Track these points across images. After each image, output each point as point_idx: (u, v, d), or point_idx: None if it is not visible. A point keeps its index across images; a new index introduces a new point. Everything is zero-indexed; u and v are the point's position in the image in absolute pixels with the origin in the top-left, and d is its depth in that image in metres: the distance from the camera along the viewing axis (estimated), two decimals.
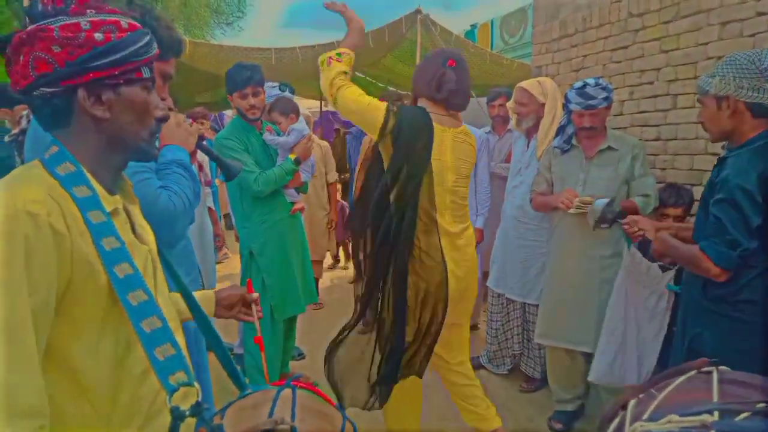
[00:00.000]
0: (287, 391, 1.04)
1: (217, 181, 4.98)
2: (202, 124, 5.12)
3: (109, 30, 0.93)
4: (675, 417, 0.86)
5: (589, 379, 2.55)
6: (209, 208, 3.74)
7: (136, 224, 1.08)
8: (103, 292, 0.91)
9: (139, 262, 0.99)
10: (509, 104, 3.44)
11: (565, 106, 2.81)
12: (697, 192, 2.78)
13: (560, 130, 2.87)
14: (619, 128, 3.47)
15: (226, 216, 6.27)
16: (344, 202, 5.66)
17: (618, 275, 2.46)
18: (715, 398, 0.91)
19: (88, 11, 0.94)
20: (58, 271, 0.85)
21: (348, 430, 1.02)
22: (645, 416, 0.93)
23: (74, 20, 0.91)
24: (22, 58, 0.91)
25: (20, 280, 0.81)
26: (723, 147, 1.99)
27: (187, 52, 6.28)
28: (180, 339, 1.07)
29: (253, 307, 1.46)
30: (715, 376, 1.00)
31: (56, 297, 0.86)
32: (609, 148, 2.70)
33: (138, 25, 0.99)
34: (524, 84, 3.20)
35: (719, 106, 1.80)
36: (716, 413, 0.85)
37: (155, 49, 1.02)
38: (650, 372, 2.37)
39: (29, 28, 0.91)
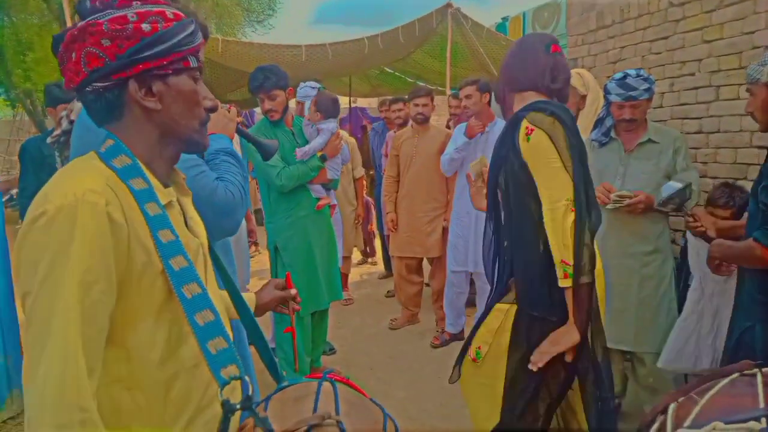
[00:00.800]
0: (327, 385, 1.04)
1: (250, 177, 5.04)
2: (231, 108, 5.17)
3: (155, 20, 0.93)
4: (720, 424, 0.83)
5: (659, 365, 2.46)
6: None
7: (189, 217, 1.09)
8: (159, 283, 0.91)
9: (192, 255, 0.99)
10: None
11: (604, 98, 2.73)
12: (746, 187, 2.68)
13: (598, 122, 2.79)
14: (659, 121, 3.36)
15: (257, 211, 6.34)
16: (369, 199, 5.67)
17: (690, 267, 2.41)
18: (761, 404, 0.87)
19: (134, 2, 0.94)
20: (115, 260, 0.86)
21: (390, 426, 1.01)
22: (687, 423, 0.90)
23: (121, 12, 0.92)
24: (74, 55, 0.92)
25: (83, 269, 0.81)
26: None
27: (219, 50, 6.36)
28: (230, 333, 1.07)
29: (290, 301, 1.46)
30: (759, 378, 0.96)
31: (115, 286, 0.86)
32: (650, 140, 2.61)
33: (183, 14, 0.99)
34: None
35: None
36: (764, 420, 0.81)
37: (201, 38, 1.01)
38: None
39: (79, 24, 0.91)
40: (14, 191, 4.59)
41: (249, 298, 1.39)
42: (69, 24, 5.23)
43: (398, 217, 4.06)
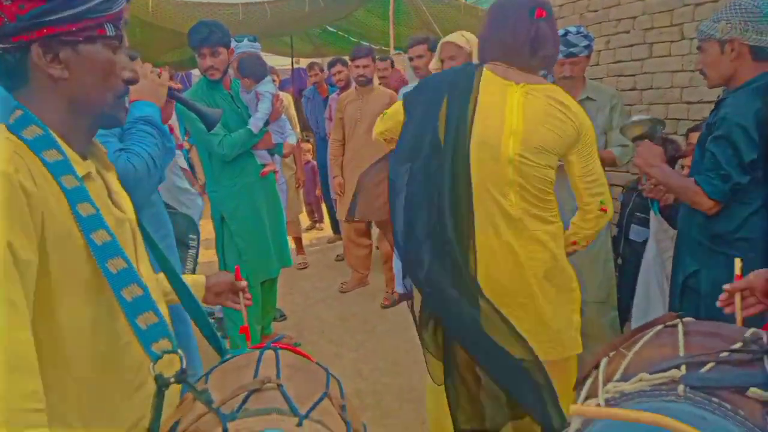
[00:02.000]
0: (270, 352, 1.03)
1: (186, 143, 4.84)
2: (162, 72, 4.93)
3: None
4: (645, 375, 0.87)
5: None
6: (184, 169, 3.63)
7: (113, 191, 1.03)
8: (83, 258, 0.88)
9: (117, 229, 0.95)
10: (432, 64, 3.28)
11: None
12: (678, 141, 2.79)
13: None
14: (596, 78, 3.44)
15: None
16: (314, 162, 5.60)
17: (647, 246, 2.47)
18: (682, 352, 0.92)
19: None
20: (35, 228, 0.81)
21: (333, 384, 1.02)
22: (617, 376, 0.94)
23: None
24: None
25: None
26: (719, 96, 1.98)
27: (149, 9, 6.00)
28: (163, 308, 1.04)
29: (241, 295, 1.42)
30: (680, 328, 1.01)
31: (37, 253, 0.82)
32: (588, 98, 2.67)
33: None
34: (449, 38, 3.08)
35: (722, 50, 1.83)
36: (683, 367, 0.86)
37: (121, 4, 0.94)
38: None
39: None
40: None
41: (198, 281, 1.34)
42: None
43: (345, 181, 4.03)
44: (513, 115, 1.67)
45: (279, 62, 10.03)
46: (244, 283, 1.40)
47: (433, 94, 1.74)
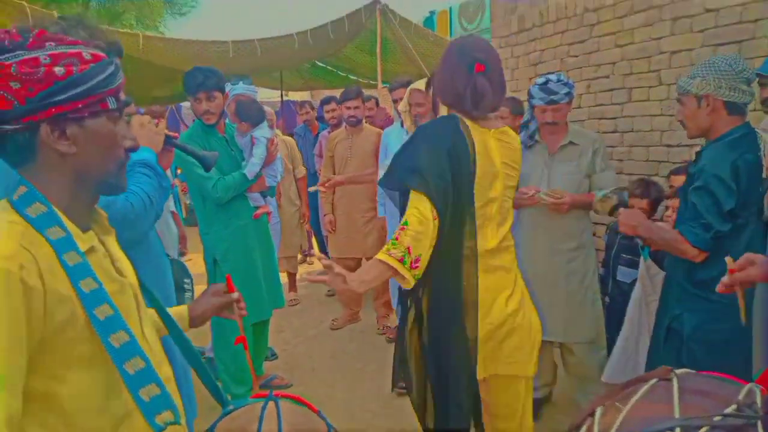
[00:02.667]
0: (272, 406, 1.06)
1: (176, 181, 4.89)
2: (158, 123, 4.99)
3: (70, 63, 0.90)
4: None
5: (603, 379, 2.64)
6: (172, 212, 3.68)
7: (115, 259, 1.06)
8: (86, 335, 0.90)
9: (120, 297, 0.98)
10: (401, 107, 3.31)
11: (528, 102, 2.86)
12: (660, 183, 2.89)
13: (523, 126, 2.92)
14: (578, 121, 3.56)
15: (192, 212, 6.18)
16: None
17: (635, 288, 2.55)
18: (676, 412, 0.96)
19: (48, 44, 0.90)
20: (30, 327, 0.84)
21: None
22: None
23: (33, 54, 0.88)
24: None
25: None
26: (702, 146, 2.09)
27: (140, 47, 6.09)
28: (166, 370, 1.07)
29: (235, 305, 1.42)
30: (675, 384, 1.05)
31: (28, 353, 0.85)
32: (571, 143, 2.76)
33: (102, 54, 0.96)
34: (417, 85, 3.16)
35: (699, 104, 1.94)
36: (677, 430, 0.89)
37: (121, 78, 0.99)
38: None
39: None
40: None
41: (179, 312, 1.36)
42: None
43: (336, 219, 4.09)
44: (496, 159, 1.82)
45: (268, 95, 10.16)
46: (236, 294, 1.41)
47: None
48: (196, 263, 5.83)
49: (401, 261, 1.64)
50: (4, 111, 0.87)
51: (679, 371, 1.09)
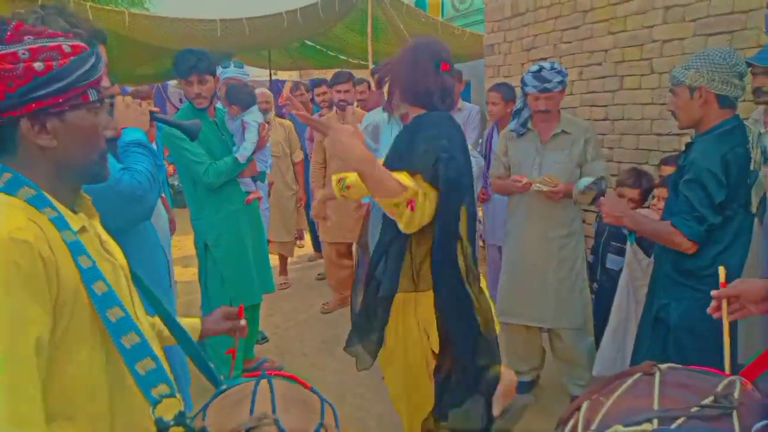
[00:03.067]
0: (264, 383, 1.06)
1: (164, 162, 4.84)
2: (148, 104, 4.92)
3: (49, 57, 0.89)
4: (620, 428, 0.93)
5: (594, 373, 2.68)
6: (161, 196, 3.65)
7: (102, 240, 1.08)
8: (87, 310, 0.92)
9: (111, 277, 0.99)
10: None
11: (521, 89, 2.86)
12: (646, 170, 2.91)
13: (516, 113, 2.93)
14: (569, 108, 3.57)
15: (179, 194, 6.12)
16: None
17: (621, 274, 2.56)
18: (656, 405, 1.00)
19: (26, 38, 0.89)
20: (51, 297, 0.86)
21: (328, 412, 1.05)
22: (594, 425, 1.01)
23: (11, 49, 0.87)
24: None
25: (21, 308, 0.81)
26: (691, 137, 2.11)
27: (126, 24, 5.97)
28: (156, 348, 1.08)
29: (237, 333, 1.46)
30: (656, 379, 1.08)
31: (52, 321, 0.87)
32: (563, 132, 2.77)
33: (82, 45, 0.95)
34: None
35: (691, 95, 1.96)
36: (655, 421, 0.93)
37: (101, 70, 0.98)
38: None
39: None
40: None
41: (192, 324, 1.39)
42: None
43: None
44: None
45: (257, 74, 10.02)
46: (243, 322, 1.45)
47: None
48: (184, 246, 5.83)
49: (410, 203, 1.62)
50: None
51: (663, 366, 1.12)
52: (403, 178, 1.64)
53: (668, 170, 2.64)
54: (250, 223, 3.06)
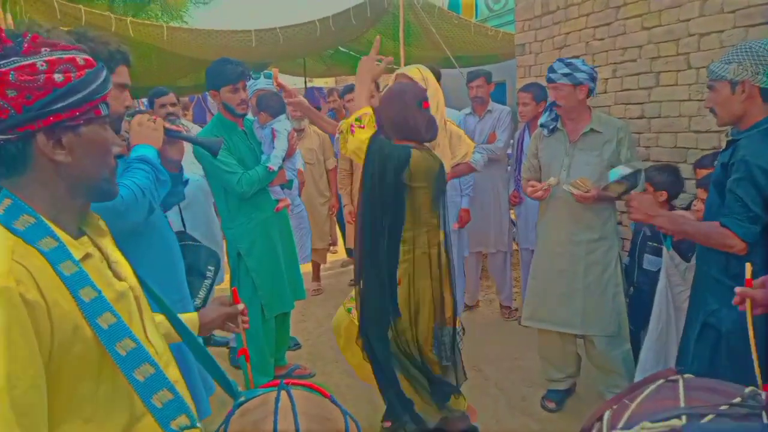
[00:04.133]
0: (285, 399, 1.04)
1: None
2: (184, 115, 5.07)
3: (67, 69, 0.88)
4: (647, 424, 0.91)
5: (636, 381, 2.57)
6: (214, 204, 3.75)
7: (112, 261, 1.03)
8: (92, 346, 0.88)
9: (121, 302, 0.96)
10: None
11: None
12: (684, 169, 2.80)
13: (547, 108, 2.87)
14: (603, 106, 3.46)
15: None
16: None
17: (660, 279, 2.45)
18: (682, 404, 0.96)
19: (43, 50, 0.87)
20: (39, 341, 0.81)
21: (352, 429, 1.03)
22: (620, 425, 0.97)
23: (29, 61, 0.84)
24: None
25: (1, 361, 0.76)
26: (726, 134, 2.00)
27: (164, 38, 6.15)
28: (173, 372, 1.06)
29: (239, 318, 1.44)
30: (681, 383, 1.04)
31: (42, 367, 0.82)
32: (592, 131, 2.68)
33: (93, 60, 0.94)
34: (404, 70, 3.12)
35: (733, 90, 1.86)
36: (684, 417, 0.89)
37: (111, 84, 0.98)
38: None
39: None
40: None
41: (190, 318, 1.38)
42: (2, 26, 4.96)
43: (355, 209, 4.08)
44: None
45: (292, 82, 10.17)
46: (241, 306, 1.44)
47: None
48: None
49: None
50: (0, 120, 0.83)
51: (687, 375, 1.07)
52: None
53: (703, 173, 2.52)
54: (280, 231, 3.09)
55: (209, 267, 2.61)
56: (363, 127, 2.34)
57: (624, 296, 2.73)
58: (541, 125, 2.86)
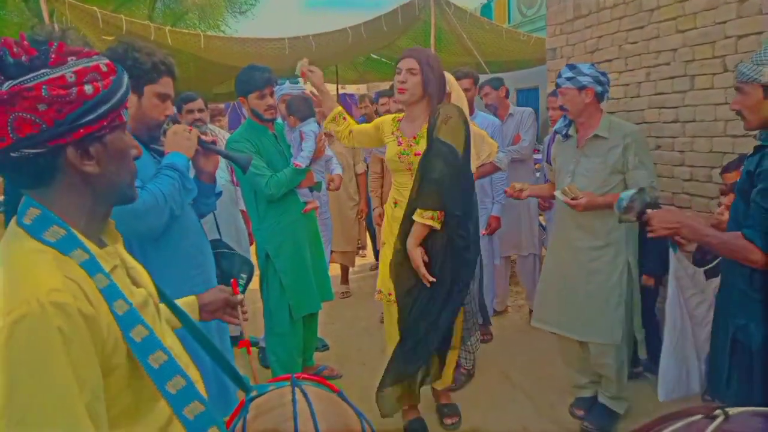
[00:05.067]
0: (302, 400, 1.05)
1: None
2: (219, 121, 5.19)
3: (94, 79, 0.85)
4: None
5: (660, 399, 2.35)
6: (241, 210, 3.84)
7: (129, 267, 1.03)
8: (125, 359, 0.87)
9: (145, 312, 0.95)
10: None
11: None
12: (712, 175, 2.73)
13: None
14: (637, 110, 3.41)
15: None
16: None
17: (669, 284, 2.31)
18: None
19: (69, 59, 0.84)
20: (96, 356, 0.81)
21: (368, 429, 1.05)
22: None
23: (59, 73, 0.81)
24: None
25: (67, 378, 0.75)
26: (756, 136, 1.93)
27: (201, 46, 6.33)
28: (193, 373, 1.06)
29: (239, 309, 1.47)
30: (713, 425, 0.92)
31: (102, 382, 0.82)
32: (596, 136, 2.60)
33: (113, 64, 0.91)
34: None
35: (766, 95, 1.79)
36: None
37: (130, 89, 0.95)
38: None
39: (8, 86, 0.79)
40: None
41: (189, 302, 1.38)
42: (47, 22, 5.18)
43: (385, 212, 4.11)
44: None
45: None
46: (240, 297, 1.46)
47: None
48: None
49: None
50: (30, 135, 0.80)
51: (733, 410, 0.87)
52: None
53: (731, 178, 2.44)
54: (308, 233, 3.13)
55: (242, 275, 2.67)
56: (345, 119, 2.89)
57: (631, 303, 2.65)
58: (555, 131, 2.86)
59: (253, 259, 2.98)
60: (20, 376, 0.73)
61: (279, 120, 3.22)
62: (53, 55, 0.82)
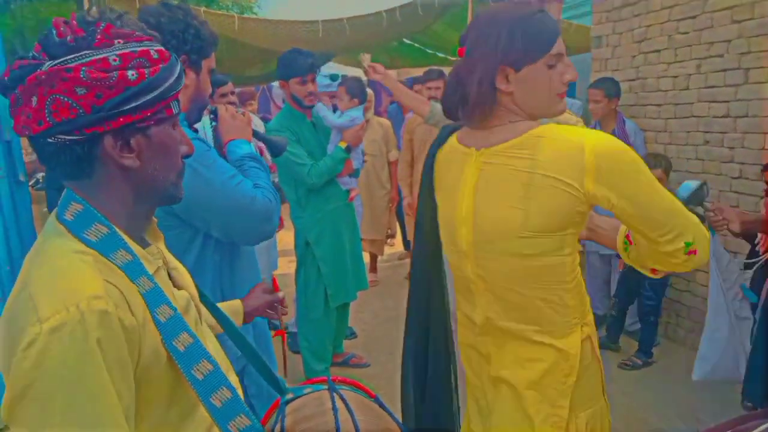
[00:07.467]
0: (342, 406, 1.04)
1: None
2: (250, 104, 5.18)
3: (141, 65, 0.78)
4: None
5: (694, 378, 2.42)
6: None
7: (171, 267, 0.97)
8: (167, 369, 0.81)
9: (187, 317, 0.89)
10: None
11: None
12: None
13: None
14: (685, 104, 3.28)
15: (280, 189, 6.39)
16: None
17: (711, 271, 2.31)
18: None
19: (116, 42, 0.77)
20: (133, 368, 0.76)
21: None
22: None
23: (101, 55, 0.75)
24: (35, 99, 0.74)
25: (107, 390, 0.71)
26: None
27: (235, 28, 6.30)
28: (233, 378, 1.00)
29: (278, 306, 1.47)
30: None
31: (134, 395, 0.77)
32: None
33: (166, 52, 0.84)
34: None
35: None
36: None
37: (184, 80, 0.87)
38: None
39: (48, 66, 0.74)
40: (40, 175, 4.66)
41: (233, 305, 1.36)
42: (86, 5, 5.21)
43: (415, 201, 4.06)
44: (465, 196, 1.29)
45: (354, 74, 10.21)
46: (281, 294, 1.46)
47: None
48: (282, 240, 6.07)
49: None
50: (67, 119, 0.75)
51: None
52: None
53: None
54: (346, 222, 3.11)
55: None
56: None
57: None
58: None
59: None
60: (55, 391, 0.69)
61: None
62: (99, 36, 0.76)
